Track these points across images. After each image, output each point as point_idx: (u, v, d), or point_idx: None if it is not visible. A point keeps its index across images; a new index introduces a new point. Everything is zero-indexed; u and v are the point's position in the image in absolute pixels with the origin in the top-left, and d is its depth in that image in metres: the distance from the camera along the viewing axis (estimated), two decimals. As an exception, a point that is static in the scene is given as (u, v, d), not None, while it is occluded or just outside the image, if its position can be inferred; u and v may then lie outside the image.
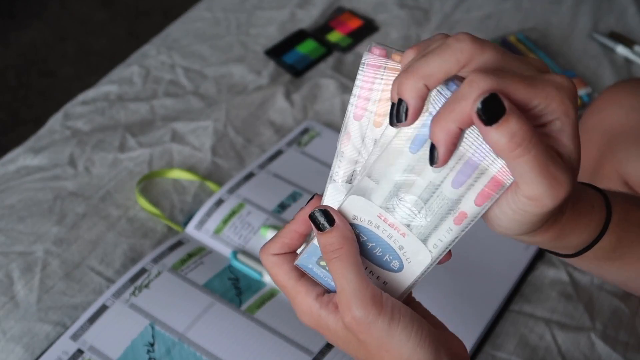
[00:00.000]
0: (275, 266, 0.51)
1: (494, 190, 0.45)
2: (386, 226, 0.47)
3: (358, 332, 0.46)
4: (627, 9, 1.20)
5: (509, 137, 0.40)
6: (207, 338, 0.73)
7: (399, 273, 0.49)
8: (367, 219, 0.48)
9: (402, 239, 0.47)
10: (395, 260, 0.48)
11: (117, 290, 0.77)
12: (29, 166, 0.93)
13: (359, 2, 1.21)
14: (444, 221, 0.47)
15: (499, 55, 0.43)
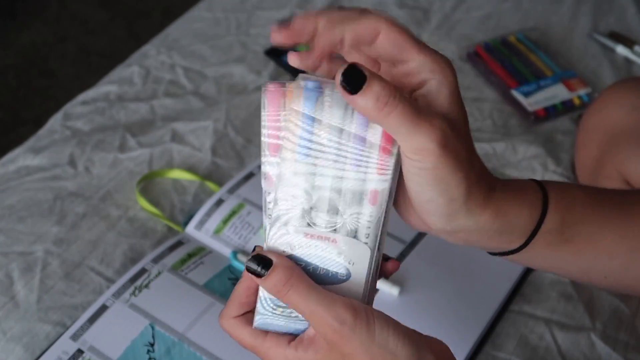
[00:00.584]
0: (238, 329, 0.50)
1: (387, 158, 0.46)
2: (316, 241, 0.47)
3: (342, 345, 0.46)
4: (627, 9, 1.20)
5: (374, 100, 0.42)
6: (207, 338, 0.73)
7: (349, 280, 0.48)
8: (297, 245, 0.47)
9: (335, 245, 0.47)
10: (340, 270, 0.48)
11: (117, 290, 0.77)
12: (29, 166, 0.93)
13: (359, 2, 1.21)
14: (362, 208, 0.47)
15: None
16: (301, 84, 0.47)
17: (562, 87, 1.05)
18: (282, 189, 0.47)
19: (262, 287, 0.47)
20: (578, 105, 1.03)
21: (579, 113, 1.02)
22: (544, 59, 1.10)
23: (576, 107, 1.03)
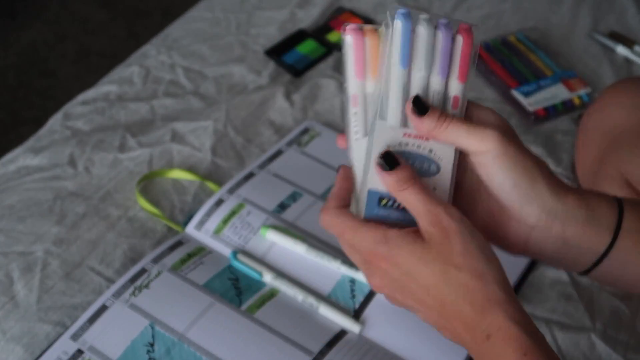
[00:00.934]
0: (342, 214, 0.56)
1: (467, 59, 0.55)
2: (413, 140, 0.55)
3: (442, 242, 0.52)
4: (627, 9, 1.20)
5: (434, 118, 0.54)
6: (207, 338, 0.73)
7: (439, 174, 0.56)
8: (397, 143, 0.55)
9: (427, 142, 0.56)
10: (432, 165, 0.56)
11: (117, 290, 0.77)
12: (29, 166, 0.93)
13: (359, 2, 1.21)
14: (446, 110, 0.56)
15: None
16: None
17: (562, 87, 1.05)
18: (383, 91, 0.55)
19: (384, 181, 0.54)
20: (578, 105, 1.03)
21: (579, 113, 1.02)
22: (544, 59, 1.10)
23: (576, 107, 1.03)
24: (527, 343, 0.49)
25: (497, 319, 0.50)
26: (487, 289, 0.51)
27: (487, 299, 0.50)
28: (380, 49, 0.55)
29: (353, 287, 0.79)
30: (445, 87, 0.55)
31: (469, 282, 0.51)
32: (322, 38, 1.13)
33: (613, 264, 0.56)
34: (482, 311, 0.50)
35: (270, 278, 0.79)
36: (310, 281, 0.79)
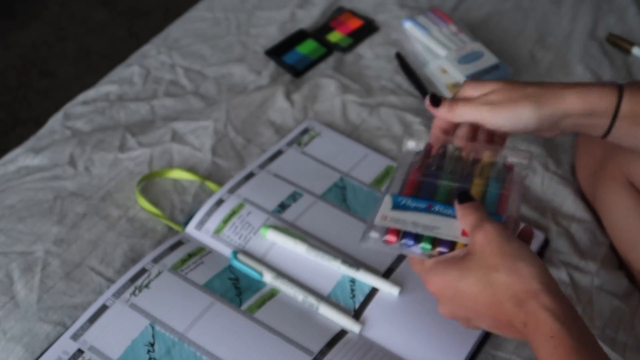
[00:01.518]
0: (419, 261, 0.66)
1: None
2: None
3: (483, 248, 0.59)
4: (627, 10, 1.20)
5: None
6: (208, 338, 0.73)
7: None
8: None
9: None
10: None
11: (117, 290, 0.77)
12: (29, 166, 0.93)
13: (359, 2, 1.21)
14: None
15: None
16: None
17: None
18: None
19: (458, 210, 0.63)
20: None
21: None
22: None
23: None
24: (554, 327, 0.54)
25: (531, 308, 0.55)
26: (523, 283, 0.56)
27: (524, 291, 0.56)
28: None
29: (353, 287, 0.79)
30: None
31: (507, 280, 0.57)
32: (322, 38, 1.13)
33: (625, 123, 0.68)
34: (520, 303, 0.56)
35: (270, 278, 0.79)
36: (310, 281, 0.79)
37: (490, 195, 0.66)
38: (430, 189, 0.67)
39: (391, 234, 0.64)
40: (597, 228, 0.87)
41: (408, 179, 0.68)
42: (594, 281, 0.82)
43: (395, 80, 1.07)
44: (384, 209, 0.65)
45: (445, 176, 0.68)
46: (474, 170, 0.68)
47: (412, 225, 0.63)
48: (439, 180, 0.68)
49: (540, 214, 0.88)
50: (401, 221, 0.64)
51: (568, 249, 0.85)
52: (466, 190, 0.65)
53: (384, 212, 0.65)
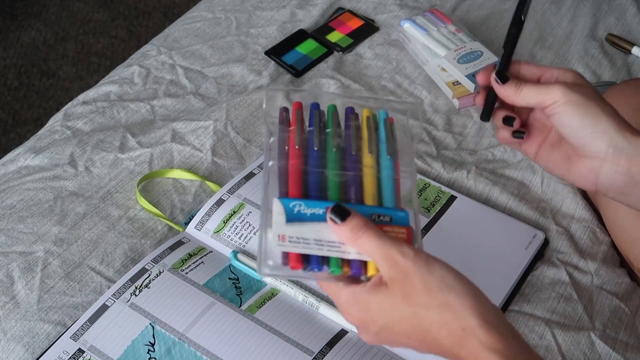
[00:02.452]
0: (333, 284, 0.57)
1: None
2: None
3: (404, 283, 0.52)
4: (627, 9, 1.20)
5: (514, 86, 0.66)
6: (208, 338, 0.73)
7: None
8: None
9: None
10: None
11: (118, 290, 0.77)
12: (29, 166, 0.93)
13: (359, 2, 1.21)
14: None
15: None
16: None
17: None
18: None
19: (339, 233, 0.54)
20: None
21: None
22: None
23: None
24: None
25: (472, 348, 0.50)
26: (458, 319, 0.50)
27: (461, 328, 0.50)
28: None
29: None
30: None
31: (440, 318, 0.51)
32: (322, 38, 1.13)
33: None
34: (458, 343, 0.51)
35: (270, 278, 0.79)
36: (310, 281, 0.79)
37: (386, 183, 0.58)
38: (319, 182, 0.58)
39: (294, 261, 0.54)
40: (597, 227, 0.87)
41: (287, 170, 0.58)
42: (594, 280, 0.82)
43: (395, 80, 1.07)
44: (278, 223, 0.55)
45: (330, 159, 0.59)
46: (359, 140, 0.59)
47: (316, 244, 0.54)
48: (325, 170, 0.58)
49: (539, 213, 0.88)
50: (302, 240, 0.54)
51: (568, 248, 0.85)
52: (339, 205, 0.55)
53: (278, 229, 0.55)
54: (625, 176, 0.63)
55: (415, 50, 1.10)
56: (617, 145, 0.62)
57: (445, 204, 0.87)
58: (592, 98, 0.63)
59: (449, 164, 0.94)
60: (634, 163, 0.62)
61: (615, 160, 0.63)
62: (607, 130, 0.62)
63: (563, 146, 0.67)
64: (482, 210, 0.87)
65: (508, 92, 0.65)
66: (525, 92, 0.64)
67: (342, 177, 0.58)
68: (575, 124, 0.63)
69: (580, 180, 0.66)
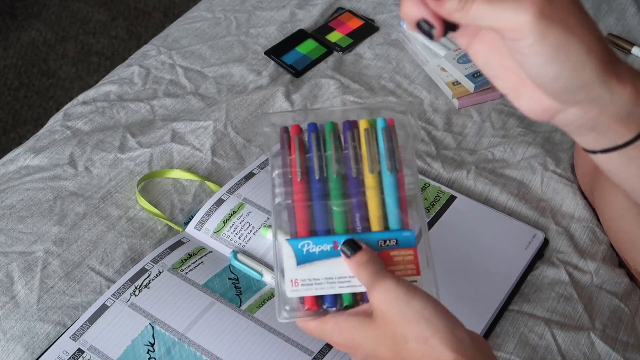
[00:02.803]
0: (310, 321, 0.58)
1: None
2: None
3: (384, 316, 0.53)
4: (626, 9, 1.20)
5: (456, 2, 0.46)
6: (207, 338, 0.73)
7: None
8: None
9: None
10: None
11: (117, 290, 0.77)
12: (29, 166, 0.93)
13: (359, 2, 1.21)
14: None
15: None
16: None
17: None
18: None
19: (349, 265, 0.56)
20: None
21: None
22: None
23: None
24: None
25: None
26: (435, 353, 0.51)
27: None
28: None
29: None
30: None
31: (417, 350, 0.52)
32: (322, 38, 1.13)
33: (622, 157, 0.54)
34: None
35: (270, 278, 0.79)
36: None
37: (390, 203, 0.59)
38: (324, 215, 0.59)
39: (310, 303, 0.57)
40: (597, 226, 0.87)
41: (293, 207, 0.59)
42: (594, 280, 0.82)
43: (395, 80, 1.07)
44: (289, 267, 0.57)
45: (333, 187, 0.59)
46: (359, 161, 0.59)
47: (327, 283, 0.56)
48: (329, 202, 0.59)
49: (539, 213, 0.88)
50: (314, 282, 0.56)
51: (568, 248, 0.85)
52: (351, 240, 0.56)
53: (290, 273, 0.57)
54: (587, 122, 0.51)
55: (415, 50, 1.10)
56: (595, 97, 0.48)
57: (445, 204, 0.88)
58: (574, 29, 0.45)
59: (448, 164, 0.94)
60: (604, 115, 0.49)
61: (585, 108, 0.49)
62: (590, 83, 0.47)
63: (506, 56, 0.50)
64: (481, 210, 0.87)
65: (448, 8, 0.46)
66: (476, 11, 0.45)
67: (346, 206, 0.59)
68: (550, 74, 0.46)
69: (529, 112, 0.52)
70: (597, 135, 0.52)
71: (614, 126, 0.51)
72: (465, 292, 0.78)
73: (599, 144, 0.53)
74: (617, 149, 0.53)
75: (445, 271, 0.80)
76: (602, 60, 0.46)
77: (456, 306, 0.77)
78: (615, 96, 0.48)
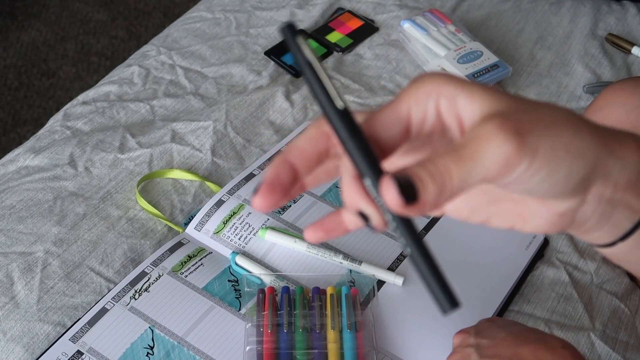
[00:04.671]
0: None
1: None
2: None
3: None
4: (627, 10, 1.20)
5: (436, 190, 0.37)
6: (207, 342, 0.73)
7: None
8: None
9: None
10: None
11: (117, 294, 0.77)
12: (29, 166, 0.93)
13: (358, 2, 1.21)
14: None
15: None
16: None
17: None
18: None
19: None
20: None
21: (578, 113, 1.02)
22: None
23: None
24: None
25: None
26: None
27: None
28: None
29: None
30: None
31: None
32: (322, 38, 1.13)
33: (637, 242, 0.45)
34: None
35: (270, 280, 0.79)
36: (310, 283, 0.79)
37: (348, 355, 0.69)
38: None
39: None
40: (597, 228, 0.87)
41: (262, 354, 0.69)
42: (594, 280, 0.82)
43: (395, 80, 1.07)
44: None
45: (298, 339, 0.70)
46: (323, 319, 0.71)
47: None
48: (294, 351, 0.69)
49: (540, 214, 0.88)
50: None
51: (567, 248, 0.85)
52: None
53: None
54: (606, 210, 0.43)
55: (415, 50, 1.10)
56: (608, 172, 0.41)
57: (445, 204, 0.88)
58: (552, 123, 0.38)
59: (448, 164, 0.94)
60: (619, 183, 0.42)
61: (599, 190, 0.41)
62: (598, 159, 0.40)
63: (492, 187, 0.43)
64: (482, 210, 0.87)
65: (429, 200, 0.36)
66: (458, 179, 0.36)
67: (309, 356, 0.69)
68: (560, 179, 0.39)
69: (546, 228, 0.44)
70: (617, 218, 0.44)
71: (632, 201, 0.43)
72: (465, 292, 0.78)
73: (619, 229, 0.45)
74: (636, 229, 0.44)
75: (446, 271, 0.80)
76: (595, 132, 0.40)
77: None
78: (626, 161, 0.41)
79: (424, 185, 0.36)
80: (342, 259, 0.79)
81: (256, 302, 0.75)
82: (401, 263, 0.80)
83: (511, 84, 1.07)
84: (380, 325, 0.75)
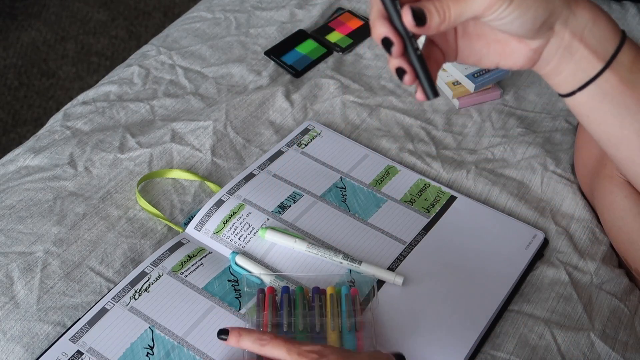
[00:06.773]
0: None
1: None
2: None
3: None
4: (627, 10, 1.20)
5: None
6: (207, 342, 0.73)
7: None
8: None
9: None
10: None
11: (117, 294, 0.77)
12: (29, 166, 0.93)
13: (358, 3, 1.21)
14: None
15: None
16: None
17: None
18: None
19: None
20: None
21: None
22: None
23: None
24: None
25: None
26: None
27: None
28: None
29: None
30: None
31: None
32: (322, 38, 1.13)
33: (597, 93, 0.60)
34: None
35: (270, 280, 0.79)
36: (310, 283, 0.79)
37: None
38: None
39: None
40: (596, 227, 0.87)
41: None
42: (594, 280, 0.82)
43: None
44: None
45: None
46: (323, 319, 0.72)
47: None
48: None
49: (539, 213, 0.88)
50: None
51: (567, 248, 0.85)
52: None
53: None
54: (565, 50, 0.59)
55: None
56: (564, 20, 0.58)
57: (445, 204, 0.88)
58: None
59: (448, 164, 0.94)
60: (575, 33, 0.58)
61: (559, 34, 0.58)
62: (556, 8, 0.57)
63: (485, 31, 0.60)
64: (481, 210, 0.87)
65: (433, 25, 0.55)
66: (455, 13, 0.55)
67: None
68: (528, 19, 0.56)
69: (520, 63, 0.61)
70: (575, 66, 0.59)
71: (587, 54, 0.59)
72: (465, 292, 0.78)
73: (576, 79, 0.60)
74: (592, 82, 0.60)
75: (446, 272, 0.80)
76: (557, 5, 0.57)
77: (456, 306, 0.77)
78: (577, 15, 0.58)
79: (430, 15, 0.54)
80: (342, 258, 0.79)
81: (256, 302, 0.75)
82: (401, 263, 0.81)
83: (511, 84, 1.07)
84: (380, 325, 0.75)
